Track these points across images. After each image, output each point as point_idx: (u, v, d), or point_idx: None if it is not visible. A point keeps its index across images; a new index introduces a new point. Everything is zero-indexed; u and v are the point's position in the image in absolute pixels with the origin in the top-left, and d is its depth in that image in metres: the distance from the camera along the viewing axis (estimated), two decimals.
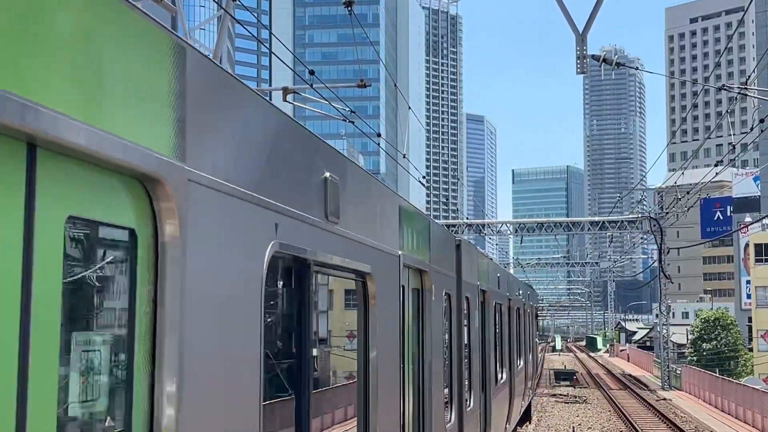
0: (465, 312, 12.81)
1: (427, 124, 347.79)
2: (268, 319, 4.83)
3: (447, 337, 11.07)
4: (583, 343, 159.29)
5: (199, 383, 3.74)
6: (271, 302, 5.06)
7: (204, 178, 3.78)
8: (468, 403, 12.67)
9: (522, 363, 25.15)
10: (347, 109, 20.48)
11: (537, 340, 34.54)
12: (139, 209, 3.40)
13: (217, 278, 3.93)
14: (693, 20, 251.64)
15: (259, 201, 4.35)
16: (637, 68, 27.28)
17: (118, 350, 3.34)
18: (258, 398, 4.41)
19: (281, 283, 5.31)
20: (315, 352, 5.72)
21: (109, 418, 3.30)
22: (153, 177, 3.39)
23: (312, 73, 18.66)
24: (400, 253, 7.87)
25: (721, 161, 37.16)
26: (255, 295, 4.36)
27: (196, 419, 3.69)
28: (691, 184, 49.14)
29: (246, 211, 4.19)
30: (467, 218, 78.38)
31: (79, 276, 3.17)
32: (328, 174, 5.61)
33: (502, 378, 18.44)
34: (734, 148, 33.79)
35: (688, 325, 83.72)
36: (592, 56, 19.20)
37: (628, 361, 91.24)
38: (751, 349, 73.77)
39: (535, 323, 35.36)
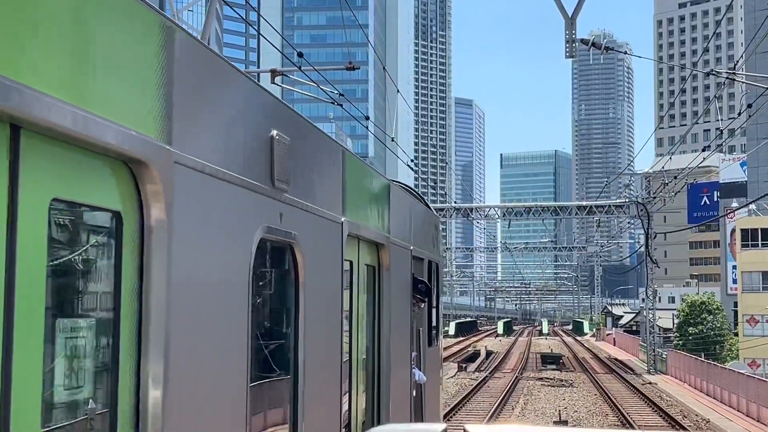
0: None
1: (416, 107, 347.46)
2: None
3: None
4: (570, 327, 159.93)
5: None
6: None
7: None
8: None
9: None
10: (336, 92, 20.41)
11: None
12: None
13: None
14: (682, 5, 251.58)
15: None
16: (625, 53, 27.25)
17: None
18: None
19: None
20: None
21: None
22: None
23: (300, 55, 18.58)
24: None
25: (709, 146, 37.22)
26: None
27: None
28: (678, 169, 49.29)
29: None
30: (455, 202, 78.41)
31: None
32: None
33: None
34: (722, 133, 33.83)
35: (675, 309, 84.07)
36: (581, 40, 19.18)
37: (614, 345, 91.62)
38: (736, 334, 74.16)
39: (436, 308, 13.14)
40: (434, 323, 12.75)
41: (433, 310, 12.59)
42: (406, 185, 12.90)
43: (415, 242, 10.71)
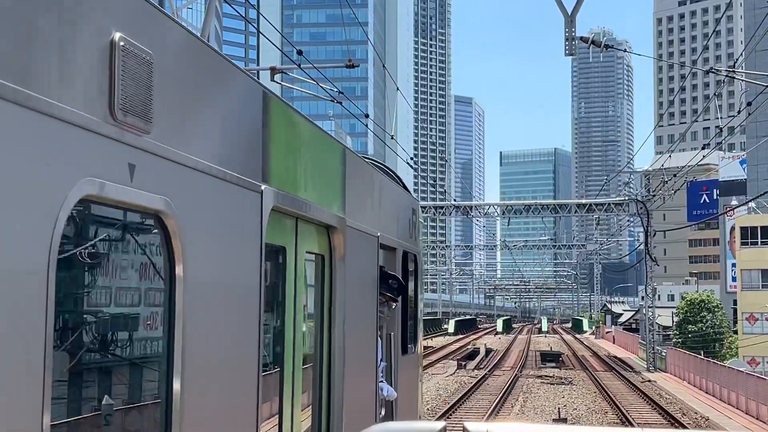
0: None
1: (415, 105, 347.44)
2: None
3: None
4: (569, 325, 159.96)
5: None
6: None
7: None
8: None
9: None
10: (335, 89, 20.41)
11: None
12: None
13: None
14: (681, 3, 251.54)
15: None
16: (625, 50, 27.25)
17: None
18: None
19: None
20: None
21: None
22: None
23: (300, 53, 18.60)
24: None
25: (708, 144, 37.23)
26: None
27: None
28: (678, 167, 49.23)
29: None
30: (455, 200, 78.41)
31: None
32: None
33: None
34: (721, 131, 33.84)
35: (674, 307, 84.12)
36: (581, 38, 19.19)
37: (614, 343, 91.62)
38: (735, 332, 74.21)
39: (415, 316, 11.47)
40: (411, 326, 10.75)
41: (410, 311, 10.59)
42: (375, 159, 11.43)
43: (384, 228, 8.85)
